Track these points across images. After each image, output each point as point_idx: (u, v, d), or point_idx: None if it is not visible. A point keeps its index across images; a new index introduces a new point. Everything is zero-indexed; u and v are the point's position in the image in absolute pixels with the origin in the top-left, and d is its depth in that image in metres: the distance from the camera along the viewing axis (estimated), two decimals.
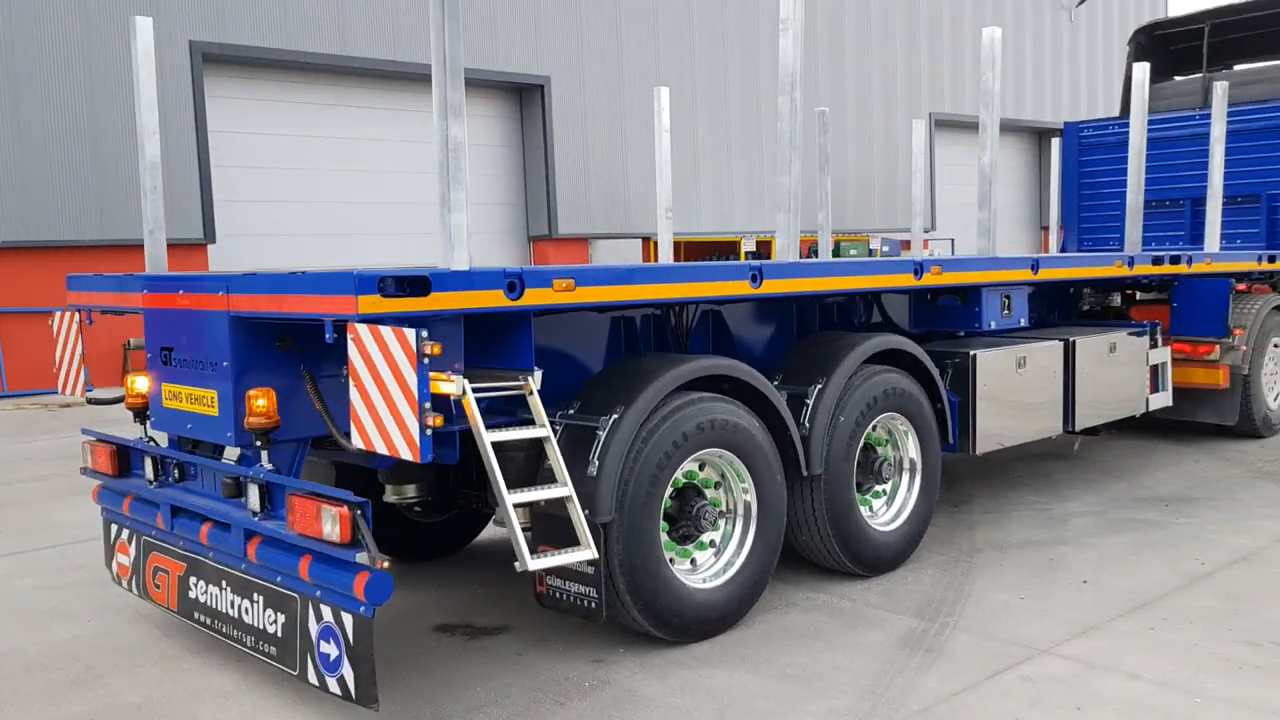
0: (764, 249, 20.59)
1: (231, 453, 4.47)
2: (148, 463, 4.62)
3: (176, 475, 4.51)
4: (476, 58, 18.83)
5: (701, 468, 4.64)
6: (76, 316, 5.06)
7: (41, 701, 4.21)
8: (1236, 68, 11.99)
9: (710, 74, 21.77)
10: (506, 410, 4.02)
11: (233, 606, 4.20)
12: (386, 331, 3.33)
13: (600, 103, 20.45)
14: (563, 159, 20.00)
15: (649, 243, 21.17)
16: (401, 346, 3.29)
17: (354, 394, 3.50)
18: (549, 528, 4.03)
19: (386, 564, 3.46)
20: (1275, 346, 8.83)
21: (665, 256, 7.48)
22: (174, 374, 4.34)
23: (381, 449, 3.45)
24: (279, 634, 3.95)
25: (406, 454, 3.35)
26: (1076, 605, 4.90)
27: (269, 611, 4.00)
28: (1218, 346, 8.11)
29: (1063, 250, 11.65)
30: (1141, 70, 7.49)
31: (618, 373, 4.54)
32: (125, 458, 4.84)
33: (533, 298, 3.83)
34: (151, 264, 5.14)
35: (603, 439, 4.18)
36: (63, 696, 4.25)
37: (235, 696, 4.20)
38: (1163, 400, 7.56)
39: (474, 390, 3.65)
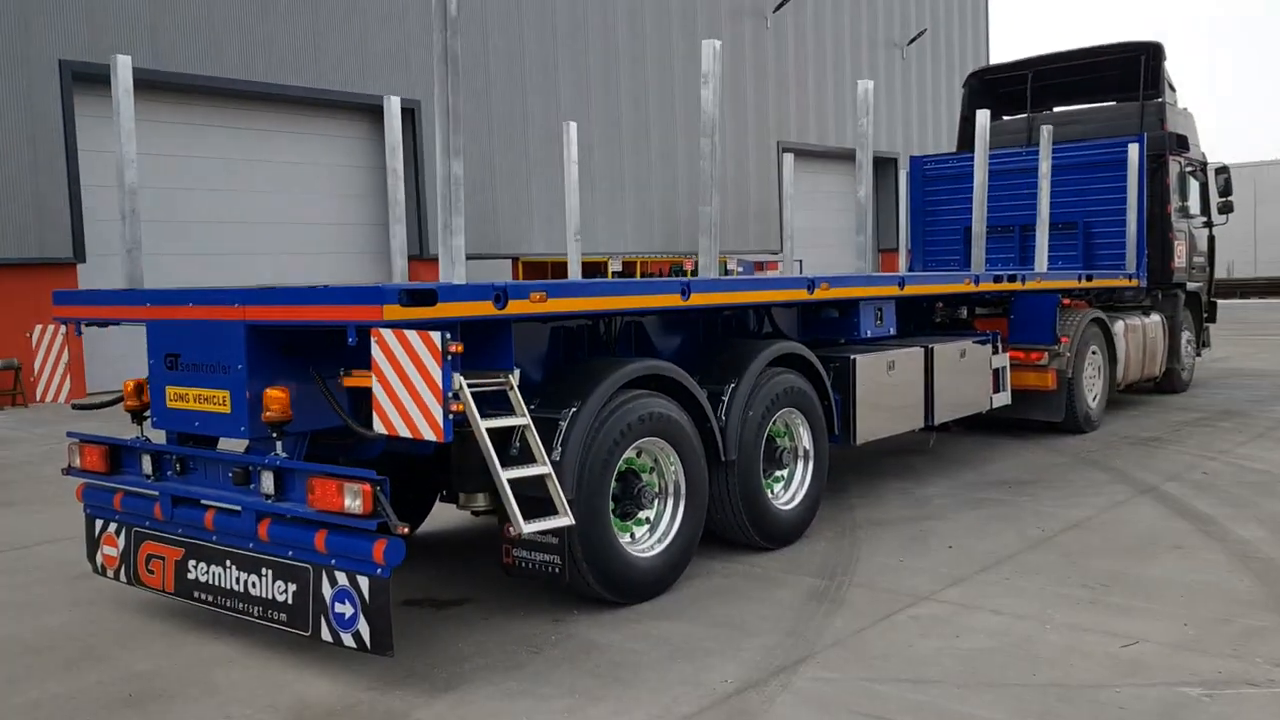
0: (629, 269, 21.55)
1: (226, 445, 5.03)
2: (145, 459, 5.12)
3: (178, 469, 5.03)
4: (347, 81, 19.26)
5: (639, 454, 5.42)
6: (63, 329, 5.50)
7: (60, 674, 4.67)
8: (1056, 109, 13.55)
9: (574, 101, 22.66)
10: (486, 404, 4.72)
11: (238, 582, 4.75)
12: (412, 335, 4.02)
13: (468, 128, 21.07)
14: (432, 181, 20.50)
15: (517, 262, 21.91)
16: (427, 346, 3.98)
17: (377, 387, 4.16)
18: (524, 504, 4.74)
19: (406, 529, 4.13)
20: (1093, 354, 10.20)
21: (575, 274, 8.24)
22: (180, 377, 4.88)
23: (405, 433, 4.11)
24: (289, 601, 4.54)
25: (430, 435, 4.03)
26: (945, 564, 5.89)
27: (279, 583, 4.59)
28: (1046, 353, 9.38)
29: (909, 270, 12.93)
30: (983, 116, 8.68)
31: (571, 373, 5.29)
32: (117, 456, 5.32)
33: (514, 308, 4.56)
34: (129, 280, 5.61)
35: (564, 429, 4.93)
36: (78, 669, 4.72)
37: (240, 661, 4.75)
38: (1003, 399, 8.75)
39: (468, 385, 4.35)
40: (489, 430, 4.46)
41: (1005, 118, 13.49)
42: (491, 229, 21.52)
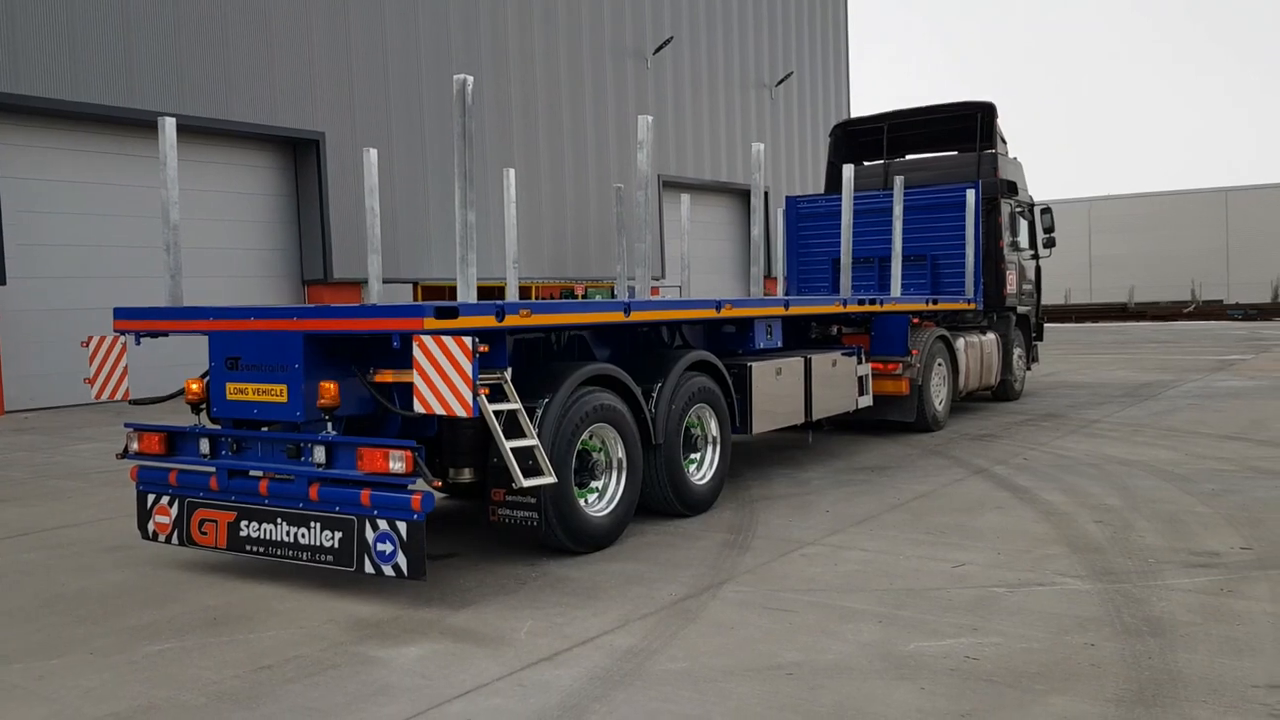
0: (525, 294, 22.99)
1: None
2: (203, 442, 6.42)
3: (234, 449, 6.34)
4: (253, 112, 20.27)
5: (590, 437, 6.95)
6: (121, 339, 6.74)
7: (144, 609, 5.92)
8: (907, 157, 15.65)
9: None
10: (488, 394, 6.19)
11: (288, 534, 6.10)
12: (448, 340, 5.48)
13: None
14: (336, 208, 21.60)
15: (417, 287, 23.11)
16: (461, 348, 5.45)
17: (418, 379, 5.59)
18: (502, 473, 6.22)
19: (439, 483, 5.58)
20: (939, 365, 12.16)
21: (513, 296, 9.72)
22: (240, 375, 6.21)
23: (440, 411, 5.55)
24: (335, 545, 5.91)
25: (461, 412, 5.48)
26: (824, 522, 7.57)
27: (326, 532, 5.95)
28: (901, 364, 11.27)
29: (787, 294, 14.77)
30: (848, 170, 10.51)
31: (540, 372, 6.79)
32: (172, 441, 6.59)
33: (509, 320, 6.06)
34: (171, 299, 6.90)
35: (540, 415, 6.43)
36: (158, 605, 5.98)
37: (290, 596, 6.08)
38: (866, 401, 10.58)
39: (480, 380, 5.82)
40: (494, 412, 5.95)
41: (865, 163, 15.53)
42: (392, 255, 22.69)
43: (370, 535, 5.78)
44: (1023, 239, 14.94)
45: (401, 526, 5.67)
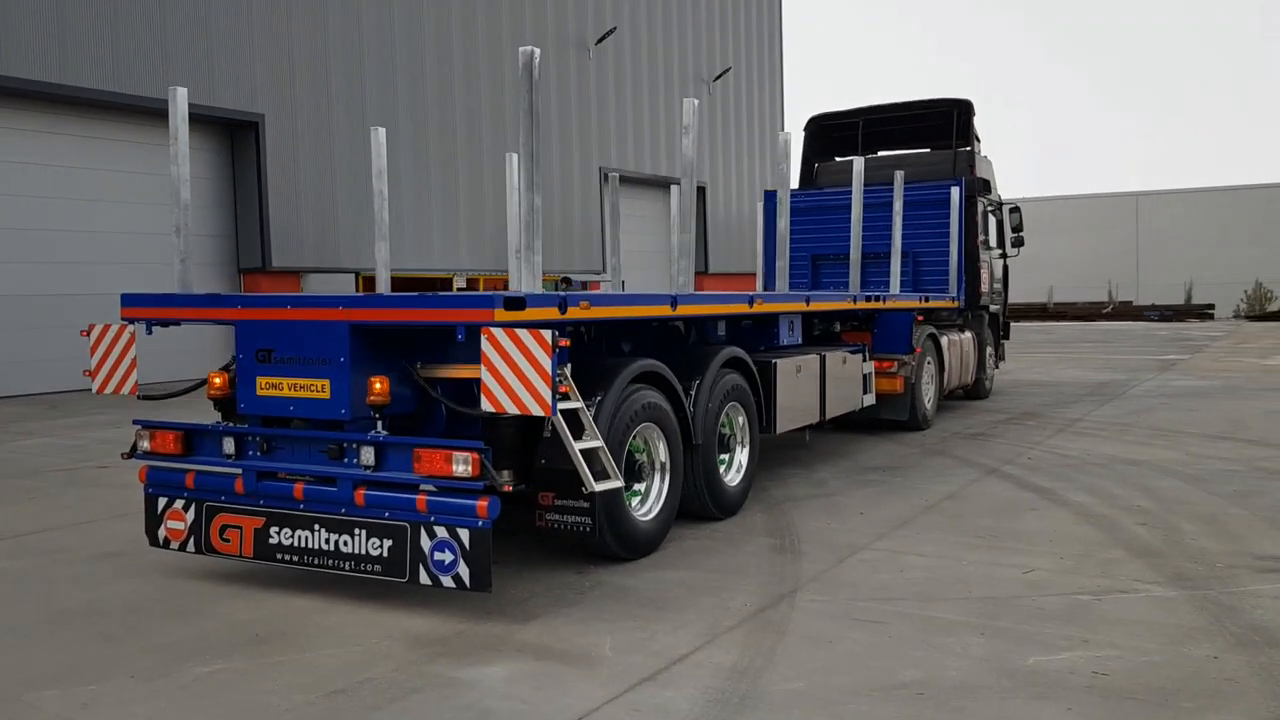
0: (473, 285, 22.41)
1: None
2: (226, 441, 5.89)
3: (263, 449, 5.82)
4: (190, 93, 19.30)
5: (634, 437, 6.59)
6: (129, 327, 6.16)
7: (170, 625, 5.38)
8: (880, 153, 15.53)
9: (410, 122, 23.37)
10: None
11: (327, 542, 5.60)
12: (524, 333, 5.06)
13: (311, 142, 21.45)
14: (275, 195, 20.77)
15: (359, 278, 22.34)
16: (539, 342, 5.03)
17: (486, 375, 5.15)
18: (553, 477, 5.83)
19: (509, 486, 5.16)
20: (928, 364, 12.04)
21: (514, 287, 9.25)
22: (273, 369, 5.70)
23: (512, 411, 5.13)
24: (384, 554, 5.44)
25: (538, 411, 5.06)
26: (862, 526, 7.32)
27: (373, 540, 5.48)
28: (896, 362, 11.10)
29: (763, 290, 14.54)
30: (859, 162, 10.31)
31: (590, 369, 6.39)
32: (190, 440, 6.04)
33: (571, 313, 5.66)
34: (181, 285, 6.34)
35: (592, 414, 6.04)
36: (184, 620, 5.44)
37: (327, 609, 5.60)
38: (870, 400, 10.39)
39: None
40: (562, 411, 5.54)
41: (837, 159, 15.38)
42: (332, 244, 21.92)
43: (426, 543, 5.34)
44: (993, 237, 14.94)
45: (464, 534, 5.24)
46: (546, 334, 5.04)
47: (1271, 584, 5.81)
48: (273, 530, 5.77)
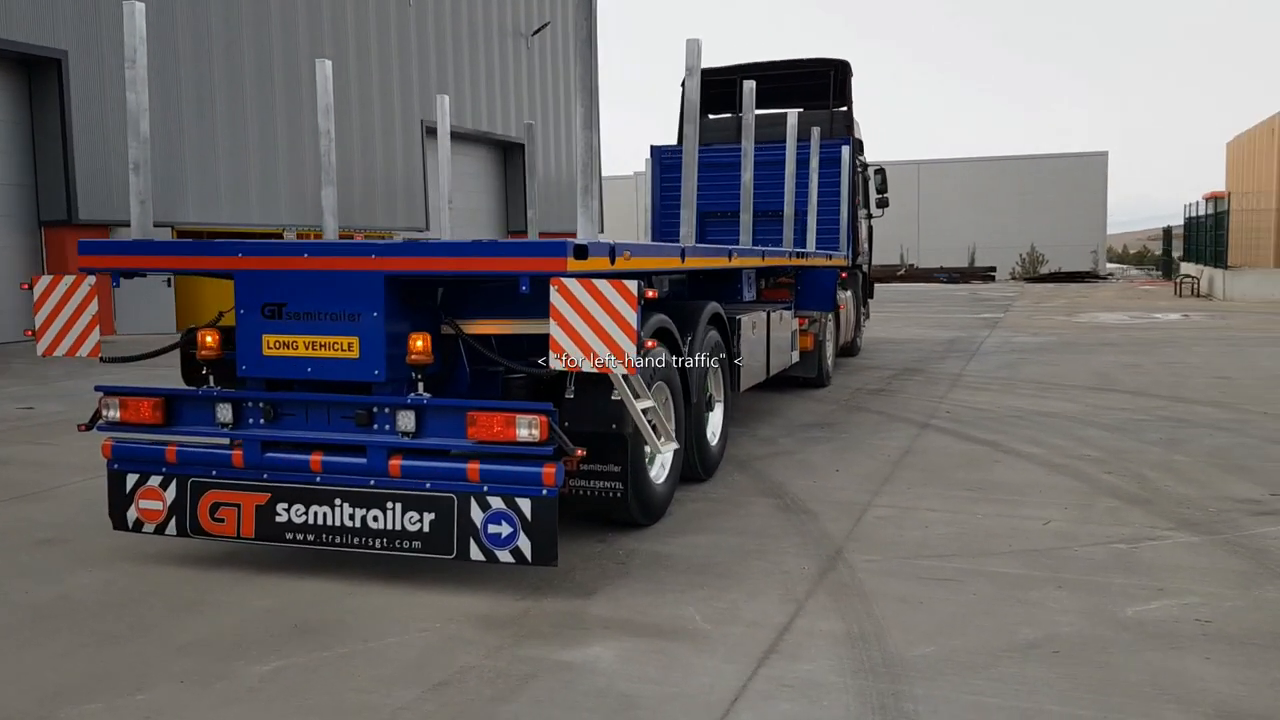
0: (304, 239, 21.08)
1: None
2: (222, 408, 5.16)
3: (270, 416, 5.13)
4: None
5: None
6: (89, 278, 5.29)
7: (174, 619, 4.69)
8: (758, 111, 15.45)
9: (226, 61, 21.70)
10: None
11: (352, 518, 5.02)
12: (603, 284, 4.62)
13: (122, 83, 19.52)
14: (82, 140, 18.86)
15: (174, 231, 20.62)
16: (622, 294, 4.61)
17: (556, 329, 4.67)
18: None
19: (583, 451, 4.74)
20: (829, 322, 12.13)
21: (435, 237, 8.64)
22: (284, 326, 5.02)
23: (588, 368, 4.68)
24: (425, 529, 4.91)
25: (619, 368, 4.66)
26: (850, 483, 7.24)
27: (410, 513, 4.94)
28: (808, 319, 11.11)
29: None
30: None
31: None
32: (173, 407, 5.26)
33: (619, 264, 5.24)
34: (141, 231, 5.51)
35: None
36: (195, 613, 4.75)
37: (357, 593, 5.01)
38: (795, 358, 10.34)
39: None
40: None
41: (711, 116, 15.25)
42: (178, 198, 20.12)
43: (478, 515, 4.85)
44: (864, 199, 15.22)
45: (524, 504, 4.78)
46: (632, 285, 4.63)
47: (1275, 525, 6.09)
48: (279, 507, 5.11)
